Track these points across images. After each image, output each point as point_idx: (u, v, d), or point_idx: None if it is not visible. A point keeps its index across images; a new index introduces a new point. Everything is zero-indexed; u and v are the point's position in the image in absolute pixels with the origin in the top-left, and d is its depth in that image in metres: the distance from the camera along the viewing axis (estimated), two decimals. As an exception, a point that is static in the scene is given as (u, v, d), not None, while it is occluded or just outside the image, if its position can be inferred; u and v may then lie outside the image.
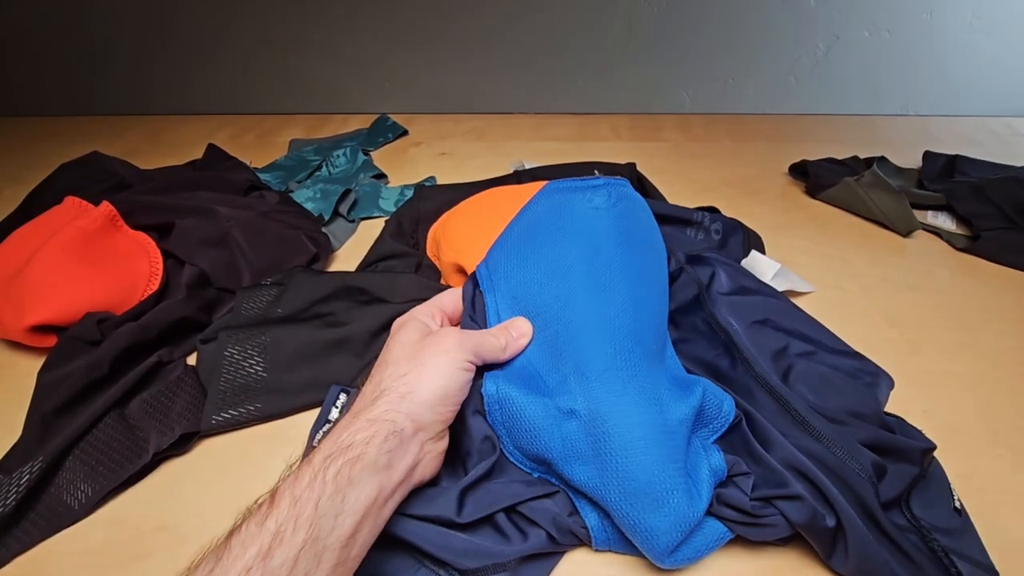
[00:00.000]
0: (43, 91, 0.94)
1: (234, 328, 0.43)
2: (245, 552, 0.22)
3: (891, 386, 0.37)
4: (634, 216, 0.39)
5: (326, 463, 0.25)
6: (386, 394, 0.28)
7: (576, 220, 0.37)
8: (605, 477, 0.29)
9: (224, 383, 0.39)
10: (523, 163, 0.70)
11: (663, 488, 0.28)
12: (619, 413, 0.30)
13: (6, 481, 0.34)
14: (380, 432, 0.27)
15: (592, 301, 0.34)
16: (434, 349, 0.30)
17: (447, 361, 0.30)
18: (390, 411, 0.28)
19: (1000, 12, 0.79)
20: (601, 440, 0.29)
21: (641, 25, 0.83)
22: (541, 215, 0.39)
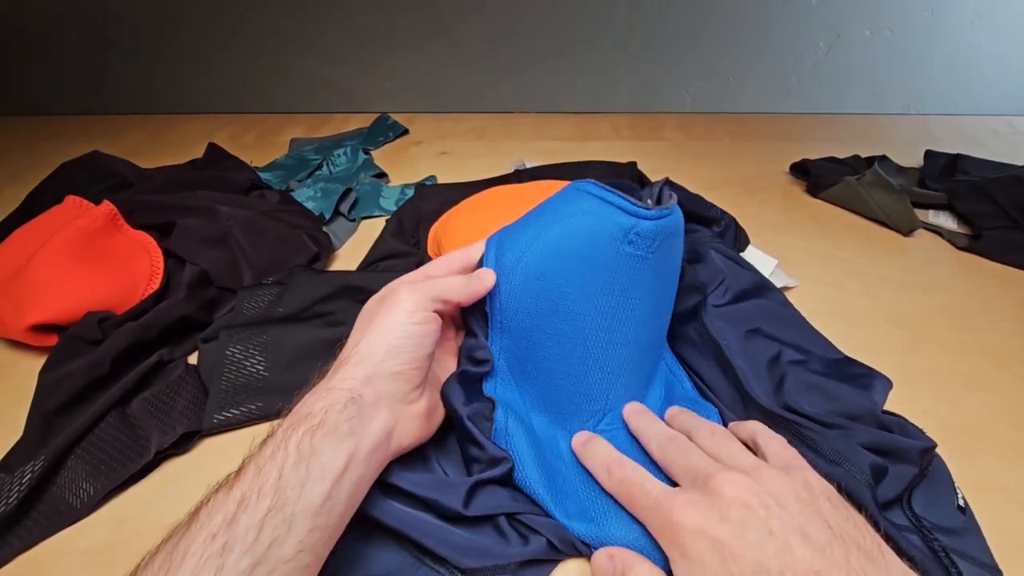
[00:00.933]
0: (44, 90, 0.94)
1: (235, 327, 0.43)
2: (211, 520, 0.22)
3: (888, 387, 0.37)
4: (671, 257, 0.34)
5: (287, 433, 0.25)
6: (343, 363, 0.28)
7: (608, 264, 0.32)
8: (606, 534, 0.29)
9: (225, 382, 0.39)
10: (524, 162, 0.70)
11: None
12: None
13: (8, 480, 0.34)
14: (338, 400, 0.26)
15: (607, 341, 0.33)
16: (386, 309, 0.30)
17: (399, 317, 0.29)
18: (345, 379, 0.28)
19: (1002, 11, 0.78)
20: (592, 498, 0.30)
21: (642, 24, 0.83)
22: (570, 234, 0.33)
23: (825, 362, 0.39)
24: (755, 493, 0.24)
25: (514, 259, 0.33)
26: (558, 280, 0.32)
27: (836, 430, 0.32)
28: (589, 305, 0.32)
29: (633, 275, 0.32)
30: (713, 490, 0.25)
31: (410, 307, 0.30)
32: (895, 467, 0.31)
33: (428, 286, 0.31)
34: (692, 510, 0.25)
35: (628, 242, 0.31)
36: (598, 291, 0.32)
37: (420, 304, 0.30)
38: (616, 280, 0.32)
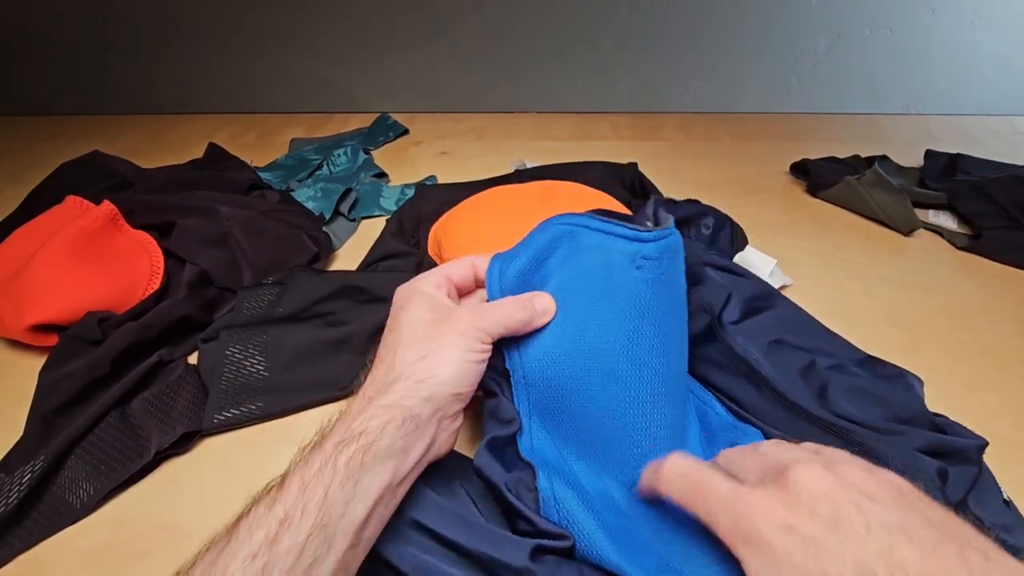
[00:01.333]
0: (44, 90, 0.94)
1: (235, 327, 0.43)
2: (252, 536, 0.21)
3: (922, 384, 0.36)
4: (677, 277, 0.34)
5: (337, 449, 0.24)
6: (402, 379, 0.27)
7: (621, 291, 0.31)
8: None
9: (225, 382, 0.39)
10: (524, 162, 0.70)
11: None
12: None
13: (8, 480, 0.34)
14: (396, 418, 0.26)
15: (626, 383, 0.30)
16: (450, 331, 0.29)
17: (464, 343, 0.29)
18: (407, 396, 0.27)
19: (1002, 10, 0.78)
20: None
21: (642, 24, 0.83)
22: (579, 272, 0.33)
23: (857, 363, 0.37)
24: (842, 487, 0.22)
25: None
26: (576, 318, 0.31)
27: (894, 436, 0.31)
28: (612, 337, 0.31)
29: (649, 299, 0.31)
30: (793, 484, 0.22)
31: (473, 335, 0.29)
32: (955, 469, 0.30)
33: (491, 317, 0.30)
34: (773, 504, 0.22)
35: (637, 267, 0.31)
36: (618, 321, 0.31)
37: (482, 334, 0.29)
38: (633, 307, 0.31)
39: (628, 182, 0.62)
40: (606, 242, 0.32)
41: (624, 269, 0.31)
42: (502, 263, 0.34)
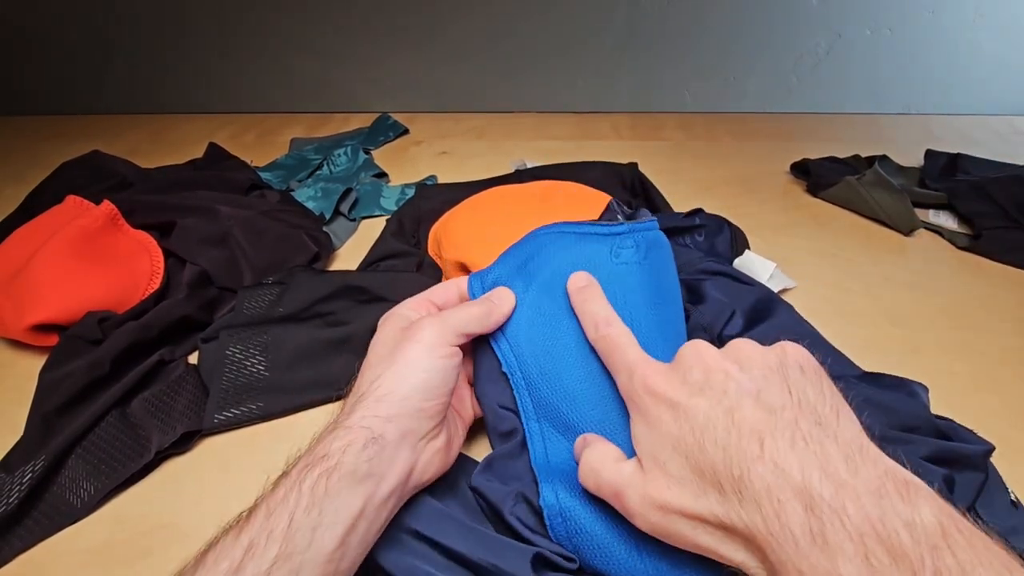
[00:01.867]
0: (45, 90, 0.94)
1: (235, 327, 0.43)
2: (217, 567, 0.21)
3: (927, 390, 0.36)
4: (663, 267, 0.34)
5: (301, 474, 0.24)
6: (363, 399, 0.27)
7: (604, 279, 0.32)
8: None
9: (226, 382, 0.39)
10: (524, 162, 0.70)
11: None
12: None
13: (8, 480, 0.34)
14: (357, 440, 0.25)
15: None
16: (409, 343, 0.28)
17: (422, 352, 0.28)
18: (366, 417, 0.26)
19: (1002, 10, 0.78)
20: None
21: (642, 24, 0.83)
22: (560, 270, 0.33)
23: (857, 378, 0.37)
24: (720, 359, 0.24)
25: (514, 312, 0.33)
26: (563, 310, 0.32)
27: (900, 444, 0.30)
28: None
29: (632, 284, 0.32)
30: (681, 357, 0.25)
31: (433, 341, 0.28)
32: (962, 475, 0.29)
33: (449, 318, 0.30)
34: (659, 376, 0.25)
35: (615, 255, 0.32)
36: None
37: (443, 338, 0.29)
38: (617, 293, 0.31)
39: (628, 182, 0.62)
40: (583, 242, 0.33)
41: (604, 261, 0.33)
42: (481, 276, 0.35)
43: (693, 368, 0.24)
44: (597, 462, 0.26)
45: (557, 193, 0.53)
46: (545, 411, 0.31)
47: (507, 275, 0.34)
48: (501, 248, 0.39)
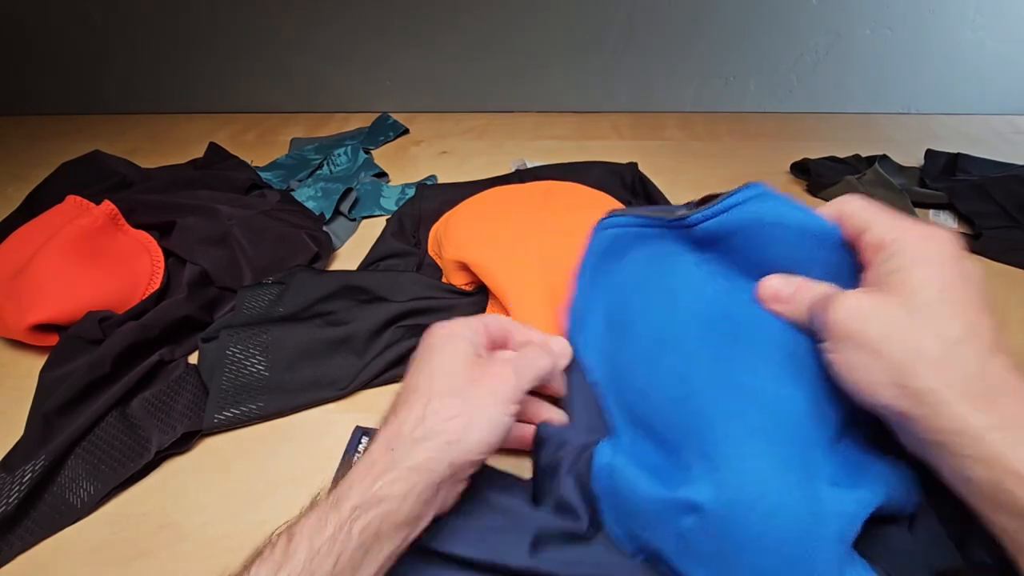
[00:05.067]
0: (45, 90, 0.94)
1: (236, 327, 0.43)
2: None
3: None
4: (760, 254, 0.30)
5: (355, 514, 0.23)
6: (431, 437, 0.25)
7: (678, 277, 0.31)
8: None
9: (226, 382, 0.39)
10: (524, 162, 0.70)
11: None
12: (758, 516, 0.24)
13: (8, 480, 0.34)
14: (419, 484, 0.24)
15: (717, 373, 0.28)
16: (485, 391, 0.27)
17: (499, 408, 0.27)
18: (433, 459, 0.25)
19: (1003, 10, 0.78)
20: (732, 545, 0.24)
21: (642, 23, 0.83)
22: (633, 275, 0.33)
23: None
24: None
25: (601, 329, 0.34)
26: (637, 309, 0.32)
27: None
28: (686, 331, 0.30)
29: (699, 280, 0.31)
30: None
31: (508, 397, 0.27)
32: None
33: (524, 375, 0.29)
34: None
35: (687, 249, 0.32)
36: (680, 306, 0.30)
37: (516, 395, 0.28)
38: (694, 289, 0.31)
39: (628, 182, 0.62)
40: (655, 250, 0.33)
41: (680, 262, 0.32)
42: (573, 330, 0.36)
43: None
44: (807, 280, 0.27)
45: (557, 193, 0.53)
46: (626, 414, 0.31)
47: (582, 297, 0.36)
48: (501, 248, 0.39)
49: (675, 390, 0.29)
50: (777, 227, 0.28)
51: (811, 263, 0.28)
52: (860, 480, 0.25)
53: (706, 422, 0.27)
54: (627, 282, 0.34)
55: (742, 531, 0.24)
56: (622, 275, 0.34)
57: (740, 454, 0.25)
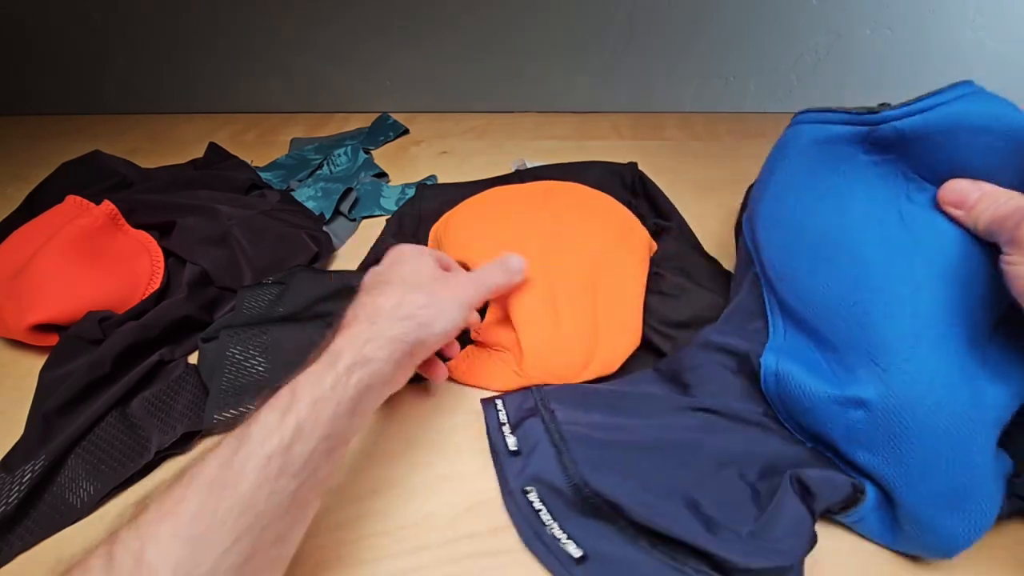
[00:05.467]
0: (45, 90, 0.94)
1: (236, 327, 0.43)
2: (266, 443, 0.24)
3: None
4: (955, 147, 0.29)
5: (349, 371, 0.28)
6: (409, 318, 0.31)
7: (852, 179, 0.31)
8: (899, 470, 0.27)
9: (226, 383, 0.39)
10: (524, 162, 0.70)
11: (967, 489, 0.26)
12: (925, 409, 0.27)
13: (8, 480, 0.34)
14: (397, 351, 0.30)
15: (886, 278, 0.29)
16: (449, 295, 0.34)
17: (457, 310, 0.34)
18: (408, 334, 0.31)
19: (1003, 10, 0.78)
20: (898, 435, 0.27)
21: (642, 23, 0.83)
22: (801, 175, 0.34)
23: None
24: None
25: (767, 210, 0.37)
26: (806, 210, 0.33)
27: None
28: (860, 236, 0.31)
29: (881, 181, 0.31)
30: None
31: (470, 301, 0.35)
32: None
33: (483, 284, 0.37)
34: None
35: (864, 152, 0.31)
36: (853, 209, 0.31)
37: (474, 303, 0.36)
38: (868, 191, 0.31)
39: (628, 182, 0.62)
40: (829, 149, 0.33)
41: (852, 160, 0.32)
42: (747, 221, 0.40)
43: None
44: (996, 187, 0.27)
45: (558, 193, 0.53)
46: (786, 309, 0.34)
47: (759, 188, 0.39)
48: (501, 247, 0.41)
49: (845, 295, 0.30)
50: (979, 131, 0.28)
51: (1004, 169, 0.28)
52: (1011, 374, 0.28)
53: (874, 325, 0.29)
54: (795, 180, 0.35)
55: (909, 422, 0.27)
56: (790, 171, 0.35)
57: (908, 357, 0.28)
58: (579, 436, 0.33)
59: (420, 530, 0.33)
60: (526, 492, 0.31)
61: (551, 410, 0.34)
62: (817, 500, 0.29)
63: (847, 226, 0.31)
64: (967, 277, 0.28)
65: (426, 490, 0.35)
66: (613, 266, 0.45)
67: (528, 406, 0.35)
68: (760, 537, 0.27)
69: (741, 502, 0.30)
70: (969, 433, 0.26)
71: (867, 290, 0.30)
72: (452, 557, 0.31)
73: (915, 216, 0.30)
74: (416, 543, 0.32)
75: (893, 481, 0.27)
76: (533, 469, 0.32)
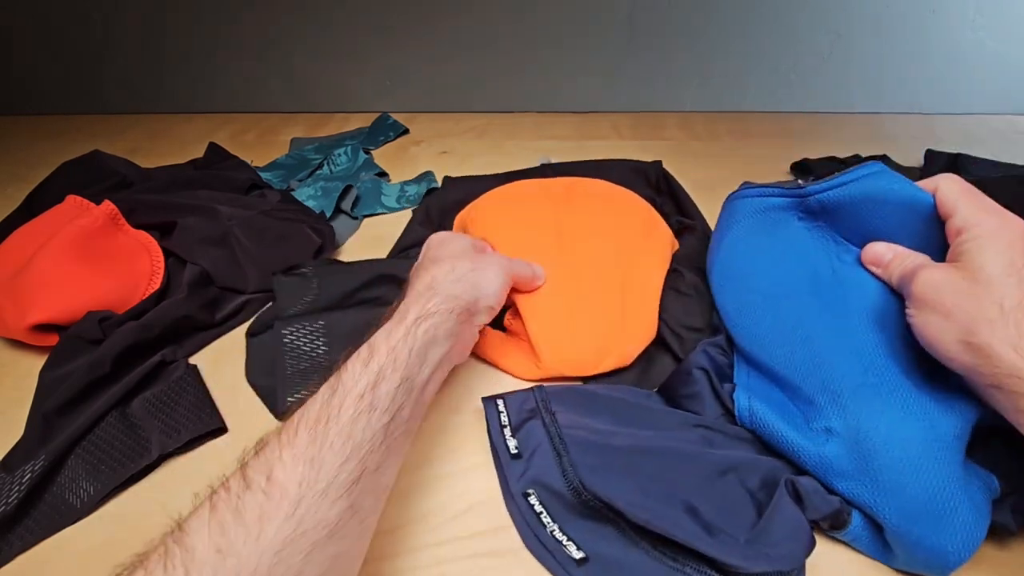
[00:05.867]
0: (45, 89, 0.94)
1: (286, 318, 0.44)
2: (358, 384, 0.28)
3: None
4: (866, 214, 0.36)
5: (417, 323, 0.32)
6: (461, 281, 0.36)
7: (789, 240, 0.38)
8: (878, 494, 0.28)
9: (290, 368, 0.41)
10: (550, 158, 0.71)
11: (944, 507, 0.27)
12: (885, 429, 0.29)
13: (8, 480, 0.34)
14: (456, 307, 0.34)
15: (827, 319, 0.34)
16: (490, 263, 0.39)
17: (501, 276, 0.39)
18: (465, 293, 0.35)
19: (1003, 10, 0.78)
20: (868, 458, 0.29)
21: (642, 23, 0.83)
22: (747, 238, 0.40)
23: None
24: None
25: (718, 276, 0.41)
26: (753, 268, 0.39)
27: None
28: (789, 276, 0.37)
29: (808, 244, 0.37)
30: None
31: (506, 271, 0.40)
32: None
33: (516, 266, 0.42)
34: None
35: (798, 219, 0.38)
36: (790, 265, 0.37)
37: (510, 275, 0.40)
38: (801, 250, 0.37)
39: (653, 180, 0.63)
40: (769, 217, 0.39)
41: (790, 226, 0.38)
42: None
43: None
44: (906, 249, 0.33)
45: (580, 190, 0.54)
46: (742, 354, 0.37)
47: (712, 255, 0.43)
48: (522, 235, 0.46)
49: (792, 334, 0.35)
50: (882, 202, 0.34)
51: (902, 232, 0.34)
52: (955, 400, 0.30)
53: (823, 361, 0.33)
54: (741, 241, 0.40)
55: (875, 445, 0.29)
56: (737, 235, 0.40)
57: (855, 389, 0.31)
58: (579, 440, 0.33)
59: (419, 529, 0.33)
60: (527, 495, 0.32)
61: (552, 412, 0.35)
62: (807, 509, 0.29)
63: (786, 279, 0.37)
64: (895, 323, 0.33)
65: (425, 489, 0.35)
66: (634, 259, 0.46)
67: (529, 407, 0.36)
68: (758, 541, 0.28)
69: (741, 509, 0.30)
70: (926, 455, 0.28)
71: (812, 332, 0.34)
72: (451, 557, 0.31)
73: (845, 274, 0.35)
74: (415, 542, 0.32)
75: (874, 505, 0.28)
76: (534, 472, 0.33)
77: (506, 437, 0.34)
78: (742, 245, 0.40)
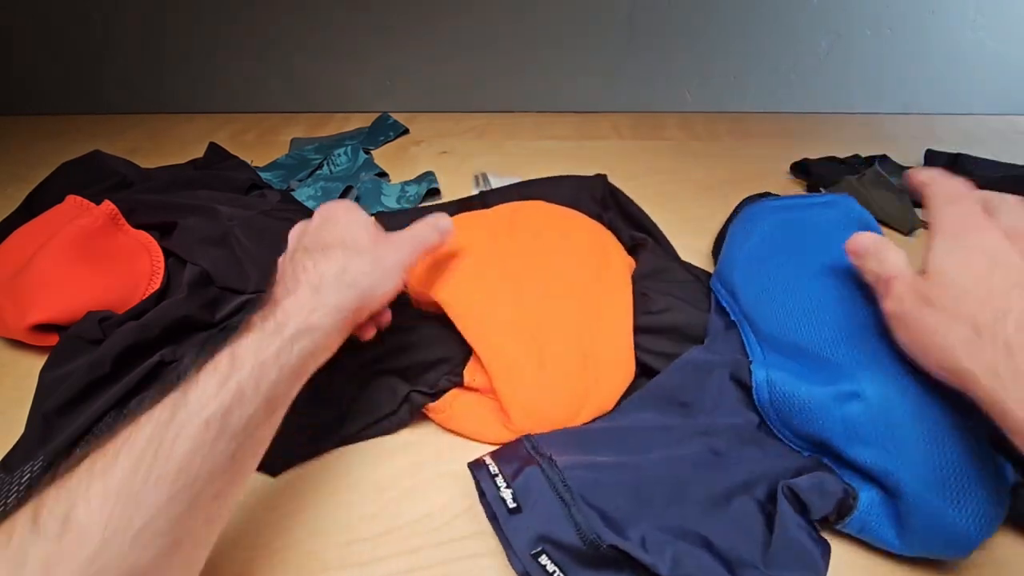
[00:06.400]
0: (45, 89, 0.94)
1: None
2: (205, 408, 0.23)
3: None
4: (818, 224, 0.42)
5: (295, 338, 0.28)
6: (352, 286, 0.31)
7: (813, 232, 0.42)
8: (900, 459, 0.28)
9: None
10: (486, 175, 0.67)
11: (967, 482, 0.27)
12: (912, 401, 0.29)
13: (7, 480, 0.34)
14: (339, 319, 0.30)
15: (859, 300, 0.35)
16: (391, 258, 0.34)
17: (398, 275, 0.34)
18: (352, 302, 0.31)
19: (1003, 10, 0.78)
20: (894, 423, 0.29)
21: (643, 23, 0.83)
22: (773, 233, 0.43)
23: None
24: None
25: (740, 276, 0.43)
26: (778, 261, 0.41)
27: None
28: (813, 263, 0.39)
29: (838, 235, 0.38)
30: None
31: (406, 263, 0.35)
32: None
33: (418, 243, 0.37)
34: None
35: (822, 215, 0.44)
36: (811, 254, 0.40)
37: (411, 263, 0.36)
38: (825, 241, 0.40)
39: (599, 195, 0.57)
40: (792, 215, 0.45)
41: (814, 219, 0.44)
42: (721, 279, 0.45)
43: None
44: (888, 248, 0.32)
45: (523, 216, 0.49)
46: (763, 336, 0.38)
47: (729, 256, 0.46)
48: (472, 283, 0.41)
49: (811, 308, 0.36)
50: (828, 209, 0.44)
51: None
52: None
53: (853, 335, 0.34)
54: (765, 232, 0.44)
55: (899, 408, 0.29)
56: (761, 230, 0.44)
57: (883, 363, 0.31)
58: (585, 483, 0.30)
59: (417, 530, 0.33)
60: (536, 556, 0.28)
61: (548, 456, 0.32)
62: (810, 512, 0.29)
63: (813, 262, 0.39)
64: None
65: (425, 489, 0.35)
66: (596, 295, 0.42)
67: (521, 454, 0.32)
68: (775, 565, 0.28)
69: (753, 529, 0.30)
70: (951, 434, 0.28)
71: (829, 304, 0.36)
72: (452, 557, 0.31)
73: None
74: (414, 543, 0.32)
75: (896, 471, 0.28)
76: (539, 526, 0.29)
77: (500, 490, 0.30)
78: (767, 233, 0.44)
